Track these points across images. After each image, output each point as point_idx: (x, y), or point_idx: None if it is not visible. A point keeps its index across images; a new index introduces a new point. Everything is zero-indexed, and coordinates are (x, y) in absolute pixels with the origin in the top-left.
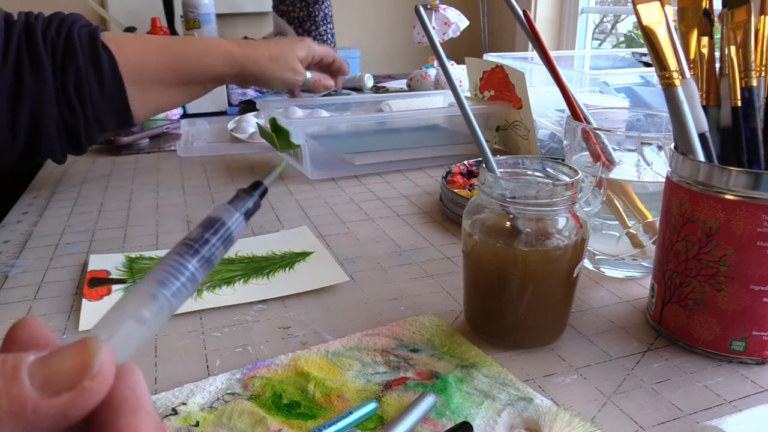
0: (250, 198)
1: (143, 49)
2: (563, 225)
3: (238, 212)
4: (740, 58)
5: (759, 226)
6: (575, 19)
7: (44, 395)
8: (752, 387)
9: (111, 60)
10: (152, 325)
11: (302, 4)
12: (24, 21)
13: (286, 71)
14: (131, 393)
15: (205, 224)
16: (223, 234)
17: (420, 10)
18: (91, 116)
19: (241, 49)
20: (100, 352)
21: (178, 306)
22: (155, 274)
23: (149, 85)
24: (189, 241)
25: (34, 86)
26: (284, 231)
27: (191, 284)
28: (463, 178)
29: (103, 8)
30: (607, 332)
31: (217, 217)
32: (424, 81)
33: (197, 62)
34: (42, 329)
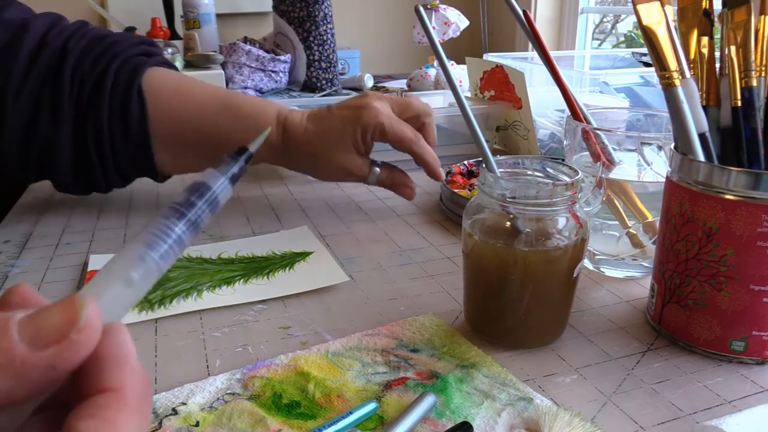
0: (236, 163)
1: (181, 109)
2: (563, 225)
3: (223, 176)
4: (740, 58)
5: (759, 226)
6: (575, 19)
7: (33, 348)
8: (752, 387)
9: (142, 114)
10: (140, 287)
11: (302, 4)
12: (60, 46)
13: (334, 172)
14: (117, 349)
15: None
16: (209, 198)
17: (420, 10)
18: (110, 167)
19: (285, 141)
20: (87, 307)
21: (166, 268)
22: (143, 237)
23: (180, 149)
24: (175, 204)
25: (48, 127)
26: (284, 231)
27: (178, 247)
28: (463, 178)
29: (103, 8)
30: (607, 332)
31: (202, 181)
32: (424, 81)
33: (233, 142)
34: (35, 294)
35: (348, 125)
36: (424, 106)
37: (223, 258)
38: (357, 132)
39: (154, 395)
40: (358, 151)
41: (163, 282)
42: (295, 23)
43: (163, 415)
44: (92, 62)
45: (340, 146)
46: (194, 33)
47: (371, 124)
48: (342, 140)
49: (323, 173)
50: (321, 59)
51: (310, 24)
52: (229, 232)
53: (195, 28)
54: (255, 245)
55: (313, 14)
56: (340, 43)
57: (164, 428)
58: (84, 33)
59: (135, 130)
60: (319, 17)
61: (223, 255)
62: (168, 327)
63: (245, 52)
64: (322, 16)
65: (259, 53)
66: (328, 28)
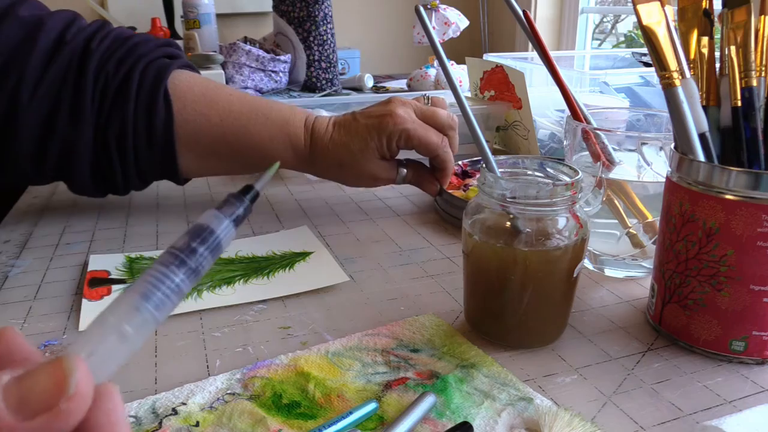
0: (241, 204)
1: (207, 113)
2: (563, 225)
3: (227, 219)
4: (740, 58)
5: (759, 226)
6: (575, 19)
7: (19, 417)
8: (752, 387)
9: (168, 117)
10: (135, 341)
11: (302, 4)
12: (82, 45)
13: (362, 179)
14: (106, 417)
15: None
16: (211, 243)
17: (420, 10)
18: (131, 170)
19: (311, 148)
20: (76, 372)
21: (163, 319)
22: (139, 286)
23: (204, 154)
24: (175, 250)
25: (68, 127)
26: (284, 231)
27: (176, 296)
28: (457, 178)
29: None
30: (607, 332)
31: (205, 224)
32: (424, 81)
33: (259, 148)
34: (21, 341)
35: (373, 134)
36: (449, 120)
37: (223, 258)
38: (382, 140)
39: (154, 395)
40: (383, 158)
41: None
42: (295, 23)
43: (163, 415)
44: (117, 63)
45: (365, 155)
46: (194, 33)
47: (396, 131)
48: (367, 149)
49: (351, 180)
50: (321, 59)
51: (310, 24)
52: None
53: (195, 28)
54: (255, 245)
55: (313, 14)
56: (340, 43)
57: (164, 428)
58: (107, 33)
59: (160, 132)
60: (319, 17)
61: (223, 255)
62: (168, 327)
63: (245, 52)
64: (322, 16)
65: (259, 53)
66: (328, 28)
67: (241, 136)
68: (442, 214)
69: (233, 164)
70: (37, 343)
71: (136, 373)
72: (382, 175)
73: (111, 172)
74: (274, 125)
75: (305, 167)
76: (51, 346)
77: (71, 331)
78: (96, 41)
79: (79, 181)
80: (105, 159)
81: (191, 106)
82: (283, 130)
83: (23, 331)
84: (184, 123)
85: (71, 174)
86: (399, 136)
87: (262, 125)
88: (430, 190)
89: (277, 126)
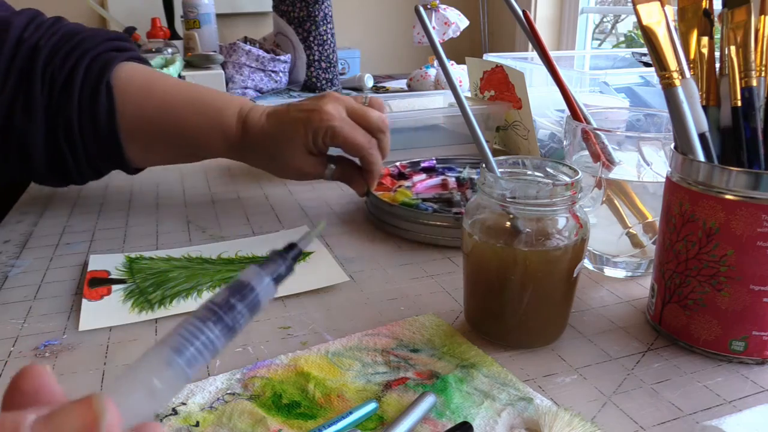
0: (284, 262)
1: (146, 103)
2: (563, 225)
3: (268, 277)
4: (740, 58)
5: (759, 226)
6: (575, 19)
7: None
8: (752, 387)
9: (110, 109)
10: (164, 396)
11: (302, 4)
12: (33, 43)
13: (289, 172)
14: None
15: (232, 288)
16: (251, 301)
17: (420, 10)
18: (82, 160)
19: (243, 138)
20: (107, 413)
21: (193, 374)
22: (172, 339)
23: (147, 144)
24: (213, 305)
25: (22, 123)
26: (284, 231)
27: (209, 353)
28: (392, 179)
29: (103, 8)
30: (607, 332)
31: (245, 281)
32: (424, 81)
33: (193, 137)
34: (48, 379)
35: (300, 127)
36: (380, 121)
37: (223, 258)
38: (308, 135)
39: None
40: (310, 152)
41: (163, 282)
42: (295, 23)
43: (163, 415)
44: (62, 59)
45: (292, 148)
46: (194, 33)
47: (322, 128)
48: (294, 142)
49: (279, 171)
50: (321, 59)
51: (310, 24)
52: (229, 232)
53: (195, 28)
54: (255, 245)
55: (313, 14)
56: (340, 43)
57: (164, 428)
58: (56, 30)
59: (103, 123)
60: (319, 17)
61: (223, 255)
62: (168, 327)
63: (245, 52)
64: (322, 16)
65: (259, 53)
66: (328, 28)
67: (175, 125)
68: (369, 216)
69: (175, 153)
70: (37, 343)
71: None
72: (309, 170)
73: (63, 163)
74: (207, 114)
75: (238, 156)
76: (51, 346)
77: (71, 331)
78: (46, 37)
79: (38, 173)
80: (57, 151)
81: (131, 96)
82: (216, 119)
83: (23, 331)
84: (126, 113)
85: (30, 167)
86: (325, 132)
87: (196, 114)
88: (358, 190)
89: (210, 115)
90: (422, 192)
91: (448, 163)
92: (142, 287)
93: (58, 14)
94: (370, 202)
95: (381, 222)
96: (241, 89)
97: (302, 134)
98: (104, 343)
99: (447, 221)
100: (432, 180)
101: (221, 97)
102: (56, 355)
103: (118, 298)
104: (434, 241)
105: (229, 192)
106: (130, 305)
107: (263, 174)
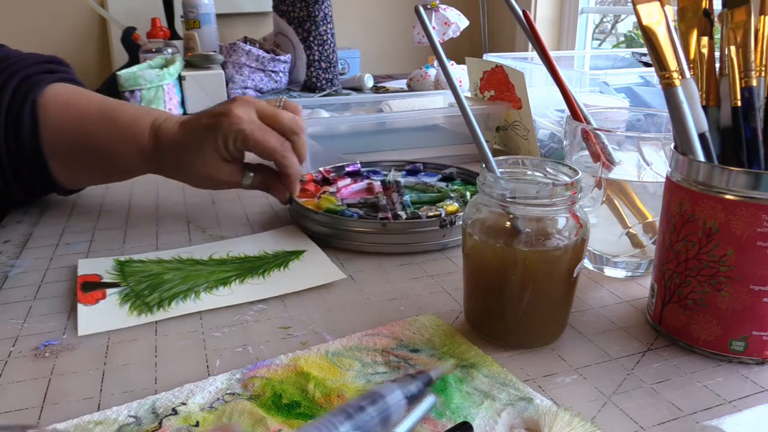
0: (416, 385)
1: (65, 121)
2: (563, 225)
3: (400, 392)
4: (740, 58)
5: (759, 226)
6: (575, 19)
7: None
8: (752, 387)
9: (33, 127)
10: None
11: (302, 4)
12: None
13: (203, 181)
14: None
15: (366, 395)
16: (380, 407)
17: (420, 10)
18: (12, 183)
19: (156, 149)
20: None
21: None
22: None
23: (71, 162)
24: (345, 406)
25: None
26: (274, 230)
27: None
28: (316, 185)
29: (103, 8)
30: (607, 332)
31: (379, 391)
32: (424, 81)
33: (108, 152)
34: None
35: (209, 133)
36: (293, 123)
37: (214, 259)
38: (218, 141)
39: (154, 395)
40: (224, 159)
41: (158, 285)
42: (295, 23)
43: (163, 415)
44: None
45: (203, 155)
46: (194, 33)
47: (232, 131)
48: (205, 149)
49: (194, 181)
50: (321, 59)
51: (310, 24)
52: (229, 232)
53: (195, 28)
54: (245, 245)
55: (313, 14)
56: (340, 43)
57: (164, 428)
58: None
59: (27, 142)
60: (319, 17)
61: (214, 256)
62: (168, 327)
63: (245, 52)
64: (322, 16)
65: (259, 53)
66: (328, 28)
67: (92, 140)
68: (294, 223)
69: (98, 169)
70: (37, 343)
71: (136, 373)
72: (224, 178)
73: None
74: (119, 127)
75: (154, 168)
76: (51, 346)
77: (71, 332)
78: None
79: None
80: None
81: (53, 113)
82: (128, 131)
83: (23, 331)
84: (47, 130)
85: None
86: (235, 136)
87: (108, 126)
88: (279, 198)
89: (122, 127)
90: (347, 197)
91: (373, 166)
92: (138, 290)
93: (58, 14)
94: (293, 209)
95: (306, 229)
96: (241, 89)
97: (212, 140)
98: (104, 344)
99: (373, 227)
100: (357, 185)
101: (136, 110)
102: (56, 355)
103: (114, 302)
104: (361, 248)
105: (229, 192)
106: (128, 308)
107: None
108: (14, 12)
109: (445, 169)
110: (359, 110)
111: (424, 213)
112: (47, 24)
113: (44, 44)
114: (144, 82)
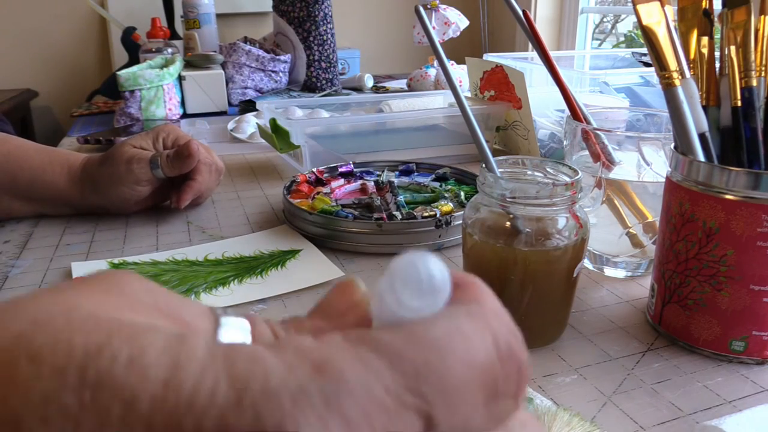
0: None
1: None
2: (563, 225)
3: None
4: (740, 58)
5: (759, 226)
6: (575, 19)
7: None
8: (752, 387)
9: None
10: None
11: (302, 4)
12: None
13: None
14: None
15: None
16: None
17: (420, 10)
18: None
19: (81, 172)
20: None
21: None
22: None
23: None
24: None
25: None
26: (268, 230)
27: None
28: (309, 186)
29: (103, 8)
30: (607, 332)
31: None
32: (424, 81)
33: (40, 171)
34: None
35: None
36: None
37: (210, 259)
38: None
39: None
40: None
41: None
42: (295, 23)
43: None
44: None
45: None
46: (194, 33)
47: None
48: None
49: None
50: (321, 59)
51: (310, 24)
52: (229, 232)
53: (195, 28)
54: (240, 245)
55: (313, 14)
56: (340, 43)
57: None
58: None
59: None
60: (319, 17)
61: (210, 256)
62: None
63: (245, 52)
64: (322, 16)
65: (259, 53)
66: (328, 28)
67: (22, 164)
68: (291, 226)
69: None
70: None
71: None
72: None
73: None
74: (53, 154)
75: (78, 192)
76: None
77: None
78: None
79: None
80: None
81: None
82: (62, 156)
83: None
84: None
85: None
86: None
87: (43, 153)
88: (173, 199)
89: (55, 155)
90: (341, 198)
91: (366, 166)
92: None
93: (58, 14)
94: (287, 210)
95: (298, 229)
96: (241, 89)
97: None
98: None
99: (369, 228)
100: (351, 185)
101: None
102: None
103: None
104: (356, 249)
105: (229, 192)
106: None
107: (263, 174)
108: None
109: (438, 169)
110: (359, 110)
111: (419, 213)
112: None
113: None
114: (144, 82)
